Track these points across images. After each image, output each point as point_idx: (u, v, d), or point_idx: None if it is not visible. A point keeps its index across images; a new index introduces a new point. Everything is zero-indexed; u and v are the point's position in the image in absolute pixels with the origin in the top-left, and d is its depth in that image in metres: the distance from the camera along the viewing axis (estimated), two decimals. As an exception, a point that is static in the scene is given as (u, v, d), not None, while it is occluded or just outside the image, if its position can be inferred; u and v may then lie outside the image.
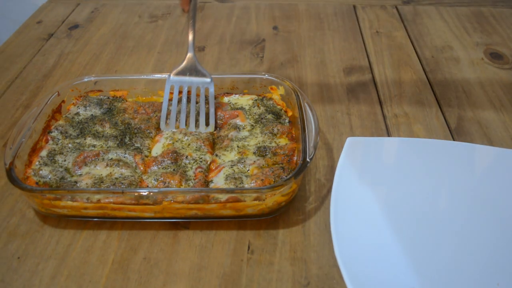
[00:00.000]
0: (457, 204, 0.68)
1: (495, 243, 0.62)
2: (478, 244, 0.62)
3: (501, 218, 0.65)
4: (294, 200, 0.71)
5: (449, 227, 0.65)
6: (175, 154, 0.74)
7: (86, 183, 0.69)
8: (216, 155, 0.75)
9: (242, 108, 0.85)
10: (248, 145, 0.77)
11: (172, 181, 0.69)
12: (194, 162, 0.73)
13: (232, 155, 0.75)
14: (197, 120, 0.81)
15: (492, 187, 0.69)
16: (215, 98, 0.88)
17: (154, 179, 0.70)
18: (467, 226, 0.65)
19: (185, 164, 0.73)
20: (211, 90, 0.81)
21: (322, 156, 0.80)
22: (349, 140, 0.74)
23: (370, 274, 0.58)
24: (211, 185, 0.70)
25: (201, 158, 0.74)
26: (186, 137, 0.78)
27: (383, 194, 0.69)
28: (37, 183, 0.69)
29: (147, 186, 0.69)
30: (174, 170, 0.71)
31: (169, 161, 0.73)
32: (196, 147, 0.76)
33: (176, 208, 0.65)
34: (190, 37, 0.82)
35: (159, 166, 0.73)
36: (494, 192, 0.68)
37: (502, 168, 0.72)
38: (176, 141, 0.77)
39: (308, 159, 0.66)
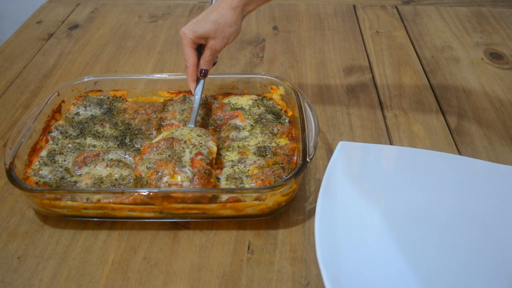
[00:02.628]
0: (441, 212, 0.67)
1: (485, 257, 0.61)
2: (467, 259, 0.62)
3: (490, 231, 0.64)
4: (294, 200, 0.71)
5: (433, 230, 0.64)
6: (171, 139, 0.70)
7: (86, 183, 0.69)
8: (220, 155, 0.75)
9: (242, 108, 0.85)
10: (248, 145, 0.77)
11: (164, 170, 0.65)
12: (193, 147, 0.69)
13: (233, 155, 0.75)
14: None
15: (480, 199, 0.68)
16: (215, 98, 0.88)
17: (147, 167, 0.66)
18: (452, 234, 0.64)
19: (183, 148, 0.69)
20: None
21: (322, 156, 0.80)
22: (341, 144, 0.73)
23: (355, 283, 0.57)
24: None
25: (201, 143, 0.70)
26: (186, 128, 0.75)
27: (372, 204, 0.68)
28: (37, 183, 0.69)
29: (140, 175, 0.66)
30: (169, 155, 0.68)
31: (164, 147, 0.69)
32: (198, 134, 0.73)
33: (176, 208, 0.65)
34: (194, 112, 0.79)
35: (154, 152, 0.69)
36: (483, 205, 0.67)
37: (485, 180, 0.70)
38: (176, 131, 0.74)
39: (308, 159, 0.66)
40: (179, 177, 0.65)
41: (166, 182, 0.64)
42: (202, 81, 0.80)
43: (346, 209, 0.66)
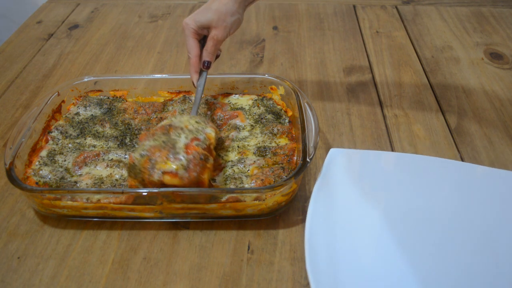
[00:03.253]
0: (438, 218, 0.66)
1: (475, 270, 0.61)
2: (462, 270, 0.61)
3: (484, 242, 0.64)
4: (294, 200, 0.71)
5: (433, 237, 0.64)
6: (168, 126, 0.68)
7: (86, 183, 0.69)
8: (219, 155, 0.75)
9: (242, 108, 0.85)
10: (248, 145, 0.77)
11: (158, 157, 0.63)
12: (189, 133, 0.67)
13: (233, 155, 0.75)
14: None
15: (481, 204, 0.67)
16: (215, 98, 0.88)
17: (140, 154, 0.64)
18: (453, 240, 0.64)
19: (178, 134, 0.66)
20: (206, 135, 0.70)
21: (322, 156, 0.79)
22: (332, 151, 0.72)
23: None
24: (212, 184, 0.70)
25: (197, 129, 0.68)
26: (186, 115, 0.72)
27: (367, 211, 0.67)
28: (37, 183, 0.69)
29: (133, 162, 0.64)
30: (163, 142, 0.65)
31: (161, 133, 0.67)
32: (197, 121, 0.70)
33: (176, 208, 0.65)
34: (195, 104, 0.77)
35: (150, 139, 0.66)
36: (484, 210, 0.67)
37: (485, 186, 0.69)
38: (175, 118, 0.72)
39: (308, 159, 0.66)
40: (173, 164, 0.62)
41: (160, 169, 0.62)
42: (204, 73, 0.79)
43: (339, 218, 0.65)
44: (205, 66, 0.78)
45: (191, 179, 0.62)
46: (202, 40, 0.78)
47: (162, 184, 0.63)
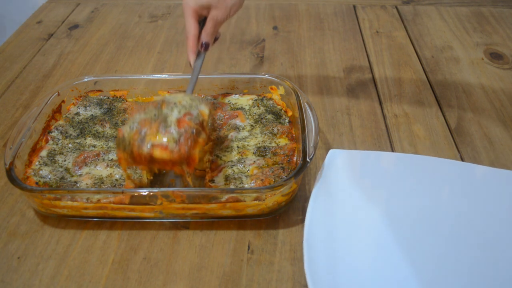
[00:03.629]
0: (435, 220, 0.66)
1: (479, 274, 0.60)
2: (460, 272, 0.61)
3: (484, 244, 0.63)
4: (294, 200, 0.71)
5: (433, 239, 0.64)
6: (161, 102, 0.66)
7: (86, 183, 0.69)
8: (217, 156, 0.75)
9: (242, 108, 0.85)
10: (248, 145, 0.77)
11: (148, 130, 0.61)
12: (182, 107, 0.65)
13: (232, 156, 0.75)
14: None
15: (482, 205, 0.67)
16: (215, 98, 0.88)
17: (130, 127, 0.63)
18: (453, 242, 0.63)
19: (171, 108, 0.65)
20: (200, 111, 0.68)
21: (322, 156, 0.79)
22: (331, 152, 0.72)
23: None
24: (211, 185, 0.70)
25: (191, 105, 0.66)
26: (180, 93, 0.70)
27: (367, 213, 0.67)
28: (37, 183, 0.69)
29: (123, 135, 0.63)
30: (155, 115, 0.64)
31: (153, 108, 0.65)
32: (191, 98, 0.68)
33: (176, 208, 0.65)
34: (191, 84, 0.76)
35: (142, 113, 0.64)
36: (485, 211, 0.66)
37: (486, 186, 0.69)
38: (170, 95, 0.69)
39: (308, 159, 0.66)
40: (164, 137, 0.61)
41: (149, 142, 0.61)
42: (202, 54, 0.78)
43: (338, 218, 0.65)
44: (203, 48, 0.77)
45: (181, 153, 0.61)
46: (202, 22, 0.77)
47: (152, 158, 0.61)
